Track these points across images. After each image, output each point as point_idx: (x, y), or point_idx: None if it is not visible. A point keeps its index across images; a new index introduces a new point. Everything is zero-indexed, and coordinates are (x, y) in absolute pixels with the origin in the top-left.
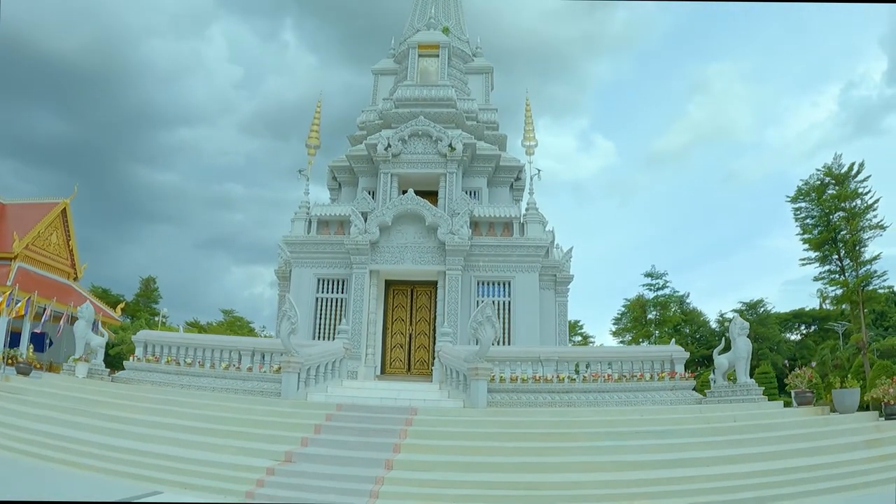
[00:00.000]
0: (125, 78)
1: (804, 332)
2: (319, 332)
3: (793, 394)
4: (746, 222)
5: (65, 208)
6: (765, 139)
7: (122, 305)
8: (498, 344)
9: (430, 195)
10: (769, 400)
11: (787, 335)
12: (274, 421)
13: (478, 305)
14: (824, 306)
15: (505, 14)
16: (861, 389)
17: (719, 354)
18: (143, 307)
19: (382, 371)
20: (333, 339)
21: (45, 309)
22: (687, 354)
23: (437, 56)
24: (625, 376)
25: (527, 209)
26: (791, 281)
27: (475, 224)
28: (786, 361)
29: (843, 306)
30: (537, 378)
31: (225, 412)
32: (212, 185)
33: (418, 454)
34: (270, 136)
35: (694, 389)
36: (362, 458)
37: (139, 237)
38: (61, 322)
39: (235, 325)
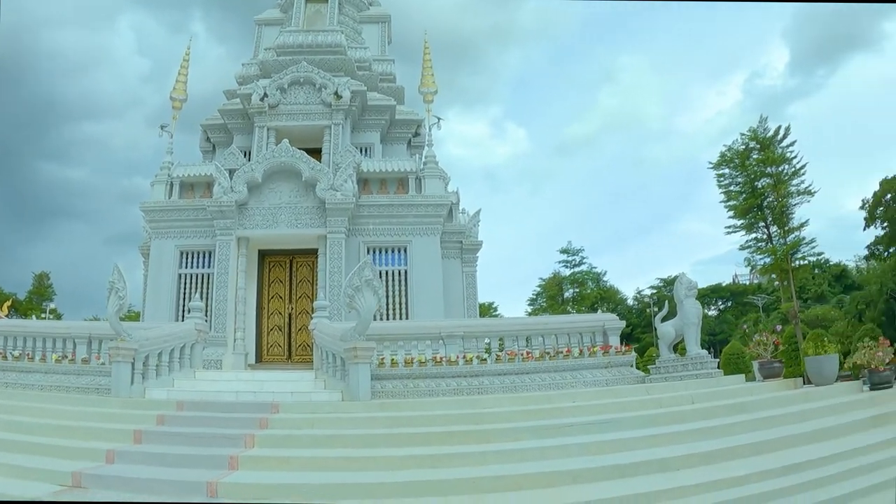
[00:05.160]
0: (28, 72)
1: (721, 307)
2: (184, 316)
3: (756, 365)
4: (657, 206)
5: None
6: (673, 126)
7: (8, 303)
8: (389, 318)
9: (315, 153)
10: None
11: (705, 310)
12: (87, 427)
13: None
14: (738, 281)
15: (413, 7)
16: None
17: (662, 321)
18: (35, 304)
19: (258, 359)
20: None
21: None
22: (622, 324)
23: (327, 1)
24: (548, 353)
25: (424, 163)
26: (701, 261)
27: (364, 181)
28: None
29: (757, 280)
30: (438, 360)
31: (32, 417)
32: (121, 180)
33: (263, 472)
34: (178, 128)
35: (633, 366)
36: (179, 482)
37: (49, 235)
38: None
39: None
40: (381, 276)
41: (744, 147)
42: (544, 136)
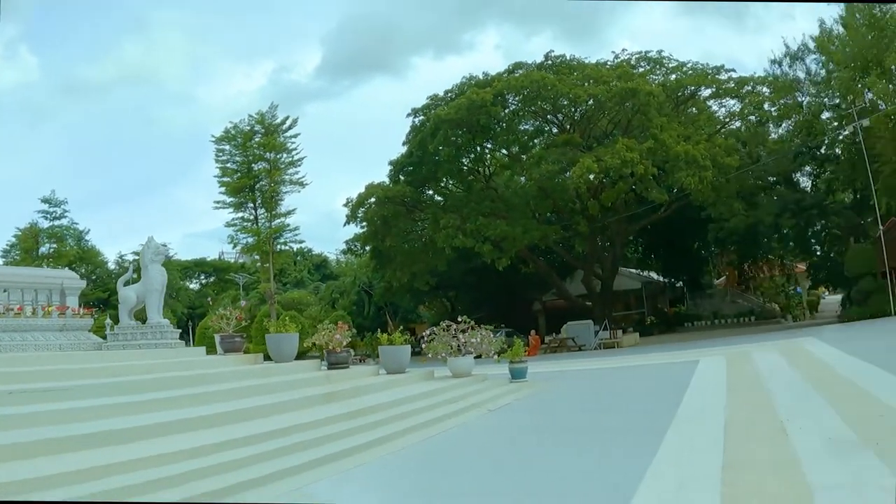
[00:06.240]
0: None
1: (204, 281)
2: None
3: (217, 338)
4: (156, 170)
5: None
6: (193, 93)
7: None
8: None
9: None
10: None
11: (187, 283)
12: None
13: None
14: (224, 258)
15: None
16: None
17: (125, 286)
18: None
19: None
20: None
21: None
22: (83, 283)
23: None
24: None
25: None
26: (193, 234)
27: None
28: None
29: (242, 259)
30: None
31: None
32: None
33: None
34: None
35: (91, 331)
36: None
37: None
38: None
39: None
40: None
41: (249, 128)
42: (56, 71)
